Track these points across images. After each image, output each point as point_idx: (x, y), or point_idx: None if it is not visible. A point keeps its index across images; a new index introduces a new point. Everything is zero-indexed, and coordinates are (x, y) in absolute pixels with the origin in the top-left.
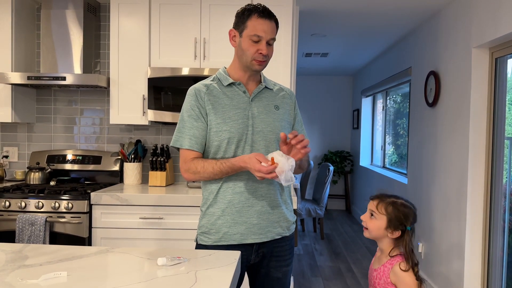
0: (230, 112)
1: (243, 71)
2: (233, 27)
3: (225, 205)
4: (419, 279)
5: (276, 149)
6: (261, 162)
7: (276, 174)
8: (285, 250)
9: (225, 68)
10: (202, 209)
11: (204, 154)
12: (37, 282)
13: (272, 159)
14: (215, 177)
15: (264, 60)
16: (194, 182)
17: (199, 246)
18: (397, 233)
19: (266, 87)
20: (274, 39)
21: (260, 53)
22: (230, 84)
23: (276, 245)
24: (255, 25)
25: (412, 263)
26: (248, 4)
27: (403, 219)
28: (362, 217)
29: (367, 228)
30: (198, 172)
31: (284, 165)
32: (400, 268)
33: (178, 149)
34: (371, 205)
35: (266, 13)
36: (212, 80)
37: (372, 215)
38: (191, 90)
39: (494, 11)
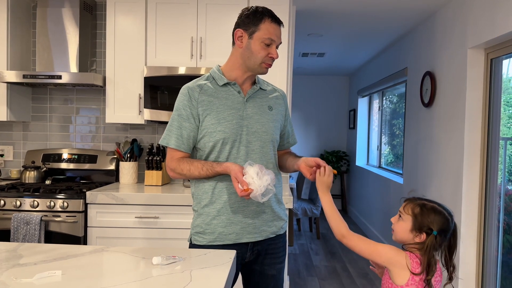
0: (224, 113)
1: (242, 71)
2: (239, 27)
3: (220, 205)
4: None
5: (271, 151)
6: (238, 182)
7: (250, 197)
8: (278, 247)
9: (219, 66)
10: (196, 209)
11: (199, 154)
12: (31, 281)
13: (246, 185)
14: (200, 178)
15: (271, 64)
16: (189, 181)
17: (193, 246)
18: (423, 237)
19: (260, 88)
20: (280, 43)
21: (271, 56)
22: (225, 84)
23: (270, 242)
24: (269, 28)
25: (428, 267)
26: (257, 6)
27: (429, 222)
28: (391, 219)
29: (394, 231)
30: (184, 174)
31: (258, 189)
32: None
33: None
34: (401, 206)
35: (278, 19)
36: (206, 80)
37: (400, 216)
38: (184, 89)
39: (490, 12)
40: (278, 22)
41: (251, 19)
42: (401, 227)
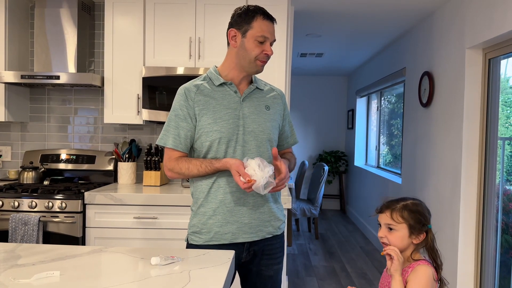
0: (220, 112)
1: (238, 71)
2: (232, 27)
3: (216, 204)
4: (440, 281)
5: (267, 150)
6: (240, 175)
7: (253, 189)
8: (276, 248)
9: (216, 67)
10: (193, 209)
11: (195, 154)
12: (29, 282)
13: (249, 176)
14: (199, 176)
15: (266, 61)
16: (187, 181)
17: (190, 246)
18: (422, 236)
19: (257, 87)
20: (274, 40)
21: (265, 53)
22: (221, 84)
23: (267, 243)
24: (261, 26)
25: (436, 264)
26: (248, 5)
27: (422, 219)
28: (380, 234)
29: (386, 244)
30: (183, 173)
31: (261, 180)
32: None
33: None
34: (384, 218)
35: (270, 16)
36: (203, 80)
37: (390, 229)
38: (181, 89)
39: (488, 12)
40: (270, 19)
41: (243, 18)
42: (398, 237)
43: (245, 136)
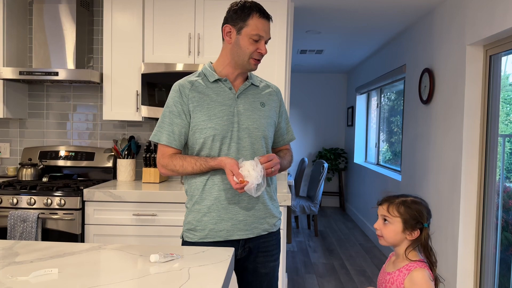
0: (215, 109)
1: (233, 67)
2: (227, 23)
3: (211, 202)
4: (435, 279)
5: (262, 147)
6: (233, 175)
7: (245, 190)
8: (272, 245)
9: (211, 63)
10: (188, 206)
11: (189, 151)
12: (27, 279)
13: (242, 177)
14: (193, 174)
15: (260, 59)
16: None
17: (185, 243)
18: (416, 233)
19: (252, 84)
20: (269, 39)
21: (260, 52)
22: (216, 81)
23: (263, 240)
24: (257, 24)
25: (430, 262)
26: (245, 1)
27: (418, 216)
28: (375, 226)
29: (382, 236)
30: (177, 171)
31: (254, 180)
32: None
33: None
34: (381, 210)
35: (266, 14)
36: (197, 76)
37: (385, 220)
38: (175, 86)
39: (488, 9)
40: (266, 16)
41: (239, 15)
42: (392, 231)
43: (239, 133)
